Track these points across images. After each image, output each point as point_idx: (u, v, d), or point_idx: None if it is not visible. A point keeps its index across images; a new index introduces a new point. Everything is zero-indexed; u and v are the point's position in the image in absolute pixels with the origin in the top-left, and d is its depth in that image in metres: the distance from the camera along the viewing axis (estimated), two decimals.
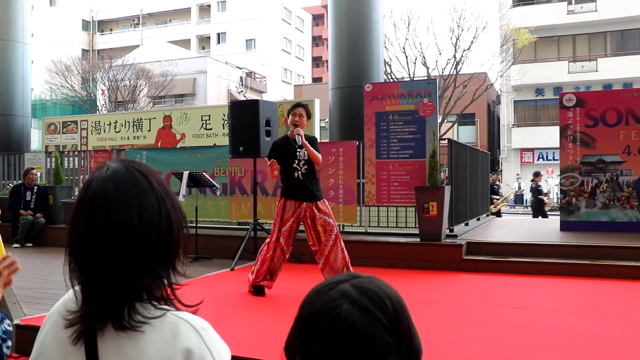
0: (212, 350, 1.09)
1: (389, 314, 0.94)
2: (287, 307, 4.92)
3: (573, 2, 31.37)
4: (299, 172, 5.48)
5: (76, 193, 10.83)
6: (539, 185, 15.69)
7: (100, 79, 30.72)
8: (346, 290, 0.95)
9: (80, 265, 1.13)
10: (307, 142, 5.45)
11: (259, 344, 3.89)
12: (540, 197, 15.36)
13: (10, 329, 1.87)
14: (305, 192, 5.47)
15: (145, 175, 1.16)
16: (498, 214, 14.74)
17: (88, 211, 1.12)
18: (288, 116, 5.64)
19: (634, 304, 5.33)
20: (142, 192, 1.13)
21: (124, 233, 1.10)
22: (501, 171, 17.89)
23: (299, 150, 5.49)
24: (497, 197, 15.36)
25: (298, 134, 5.45)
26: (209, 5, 49.87)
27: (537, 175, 16.02)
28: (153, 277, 1.12)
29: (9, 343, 2.05)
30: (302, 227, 5.62)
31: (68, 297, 1.19)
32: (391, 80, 23.29)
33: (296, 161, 5.49)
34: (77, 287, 1.14)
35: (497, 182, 16.56)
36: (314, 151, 5.47)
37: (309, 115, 5.68)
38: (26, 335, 3.95)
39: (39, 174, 11.36)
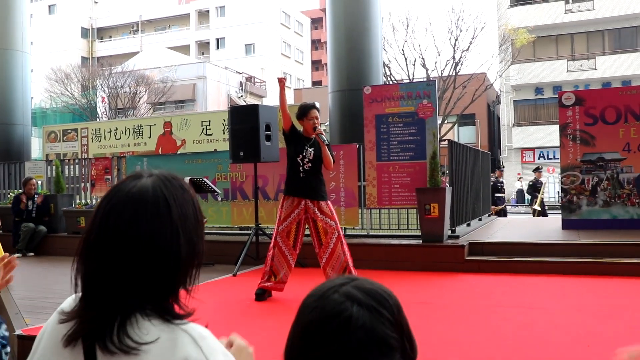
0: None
1: (392, 312, 0.98)
2: (290, 313, 4.90)
3: (570, 1, 31.38)
4: (301, 168, 5.48)
5: (77, 201, 10.85)
6: (538, 181, 14.91)
7: (100, 87, 30.78)
8: (351, 292, 0.97)
9: (85, 276, 1.13)
10: (326, 146, 5.44)
11: (262, 351, 3.89)
12: (536, 194, 14.57)
13: (7, 334, 1.85)
14: (305, 189, 5.46)
15: (169, 205, 1.14)
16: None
17: (102, 225, 1.13)
18: (301, 120, 5.56)
19: (637, 301, 5.32)
20: (157, 224, 1.12)
21: (130, 256, 1.10)
22: (504, 167, 16.96)
23: (307, 148, 5.49)
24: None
25: (321, 133, 5.45)
26: (208, 11, 49.96)
27: (535, 170, 15.31)
28: (152, 299, 1.12)
29: (8, 349, 2.04)
30: (307, 232, 5.63)
31: (68, 301, 1.20)
32: (391, 82, 23.32)
33: (300, 156, 5.49)
34: (79, 293, 1.15)
35: (501, 180, 15.59)
36: (330, 155, 5.48)
37: None
38: (28, 345, 3.92)
39: (39, 182, 11.36)
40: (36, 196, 9.99)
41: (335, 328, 0.94)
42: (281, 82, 5.61)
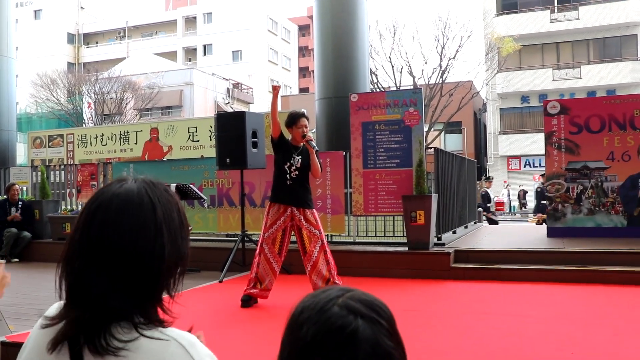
0: None
1: (390, 323, 0.97)
2: (277, 319, 4.91)
3: (556, 10, 31.75)
4: (288, 175, 5.49)
5: (63, 207, 10.76)
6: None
7: (86, 92, 30.59)
8: (351, 305, 0.95)
9: (69, 276, 1.13)
10: (315, 154, 5.47)
11: (248, 357, 3.88)
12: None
13: None
14: (291, 197, 5.48)
15: (154, 205, 1.15)
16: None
17: (87, 224, 1.13)
18: (290, 127, 5.57)
19: (621, 308, 5.37)
20: (142, 222, 1.13)
21: (115, 255, 1.10)
22: (492, 178, 16.89)
23: (294, 156, 5.51)
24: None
25: (310, 140, 5.48)
26: (195, 17, 49.90)
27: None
28: (136, 302, 1.11)
29: None
30: (293, 238, 5.63)
31: (53, 308, 1.20)
32: (378, 89, 23.41)
33: (288, 164, 5.50)
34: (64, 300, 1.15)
35: (489, 190, 15.52)
36: (317, 163, 5.51)
37: None
38: (12, 352, 3.90)
39: (24, 188, 11.26)
40: (20, 203, 9.90)
41: (342, 342, 0.91)
42: (275, 89, 5.60)
